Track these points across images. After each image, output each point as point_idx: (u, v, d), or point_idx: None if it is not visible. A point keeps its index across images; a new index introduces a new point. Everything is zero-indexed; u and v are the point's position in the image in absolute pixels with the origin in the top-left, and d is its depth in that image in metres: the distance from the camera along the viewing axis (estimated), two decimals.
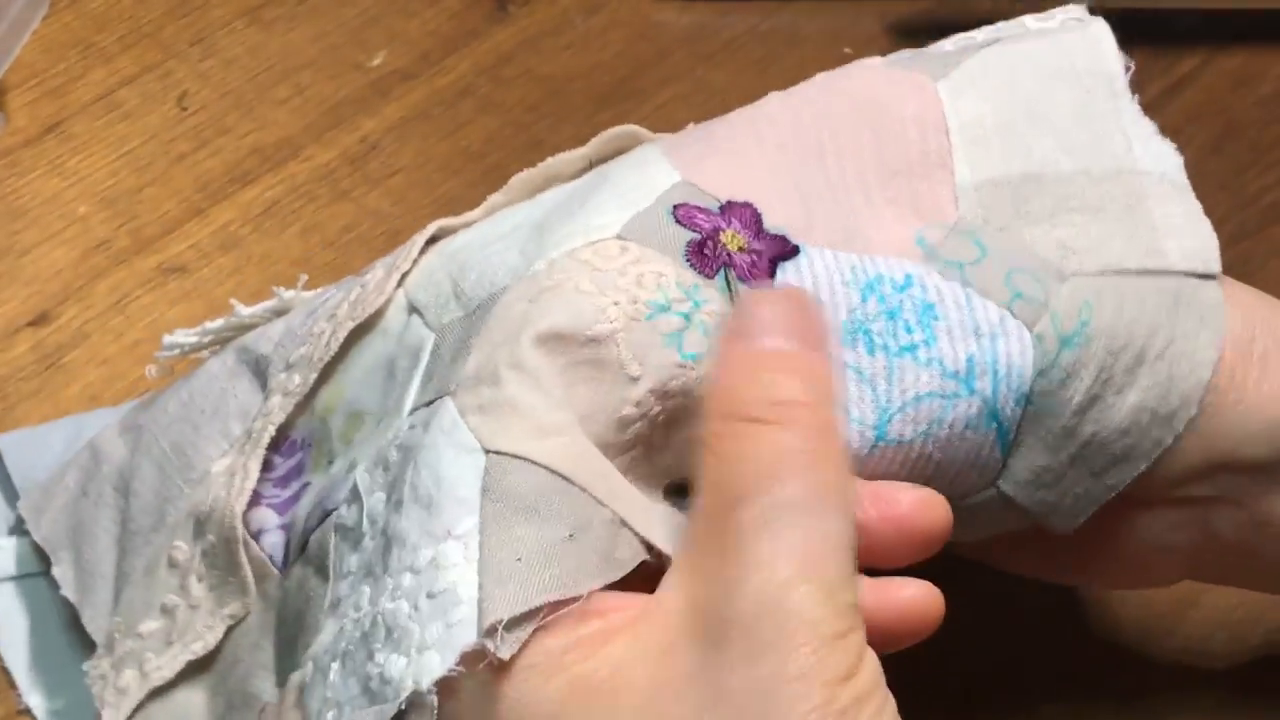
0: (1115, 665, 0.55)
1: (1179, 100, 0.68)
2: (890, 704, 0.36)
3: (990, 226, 0.44)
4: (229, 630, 0.45)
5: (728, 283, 0.41)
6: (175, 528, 0.47)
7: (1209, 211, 0.64)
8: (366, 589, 0.39)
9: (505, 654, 0.35)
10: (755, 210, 0.43)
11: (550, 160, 0.48)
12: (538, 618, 0.36)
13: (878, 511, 0.40)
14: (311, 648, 0.41)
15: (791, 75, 0.67)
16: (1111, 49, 0.48)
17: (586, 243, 0.42)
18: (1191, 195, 0.46)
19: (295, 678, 0.41)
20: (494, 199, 0.48)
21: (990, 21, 0.48)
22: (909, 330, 0.42)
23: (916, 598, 0.41)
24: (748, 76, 0.68)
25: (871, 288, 0.42)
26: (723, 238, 0.42)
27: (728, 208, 0.43)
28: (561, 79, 0.68)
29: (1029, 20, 0.50)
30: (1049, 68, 0.47)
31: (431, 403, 0.41)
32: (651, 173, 0.44)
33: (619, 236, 0.42)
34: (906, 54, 0.50)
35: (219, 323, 0.51)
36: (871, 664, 0.36)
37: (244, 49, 0.67)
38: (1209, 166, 0.66)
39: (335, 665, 0.39)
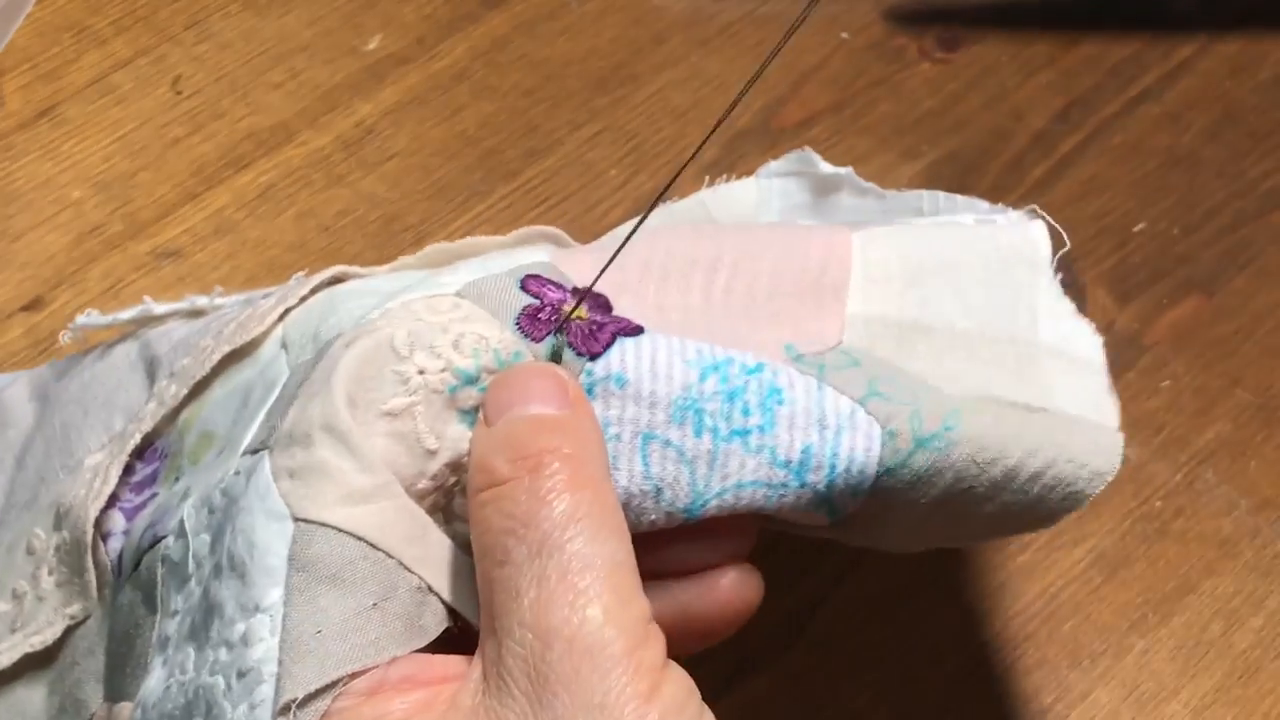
0: (1113, 651, 0.55)
1: (1177, 86, 0.68)
2: (707, 716, 0.35)
3: (872, 355, 0.42)
4: (70, 630, 0.45)
5: (554, 350, 0.40)
6: (40, 513, 0.47)
7: (1207, 198, 0.65)
8: (191, 651, 0.38)
9: None
10: (608, 299, 0.42)
11: (469, 240, 0.47)
12: (334, 690, 0.35)
13: (697, 593, 0.41)
14: (142, 689, 0.40)
15: (788, 60, 0.68)
16: (1043, 236, 0.46)
17: (424, 296, 0.41)
18: (1103, 373, 0.44)
19: (125, 714, 0.41)
20: (404, 259, 0.48)
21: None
22: (746, 413, 0.40)
23: (735, 582, 0.41)
24: (744, 62, 0.68)
25: (716, 368, 0.41)
26: (564, 308, 0.41)
27: (579, 290, 0.42)
28: (557, 63, 0.67)
29: (969, 218, 0.48)
30: (969, 240, 0.46)
31: (257, 451, 0.40)
32: (527, 255, 0.44)
33: (457, 293, 0.41)
34: (841, 205, 0.50)
35: (131, 313, 0.50)
36: (676, 677, 0.35)
37: (238, 33, 0.67)
38: (1207, 153, 0.66)
39: None
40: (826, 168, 0.51)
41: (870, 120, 0.66)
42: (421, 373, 0.39)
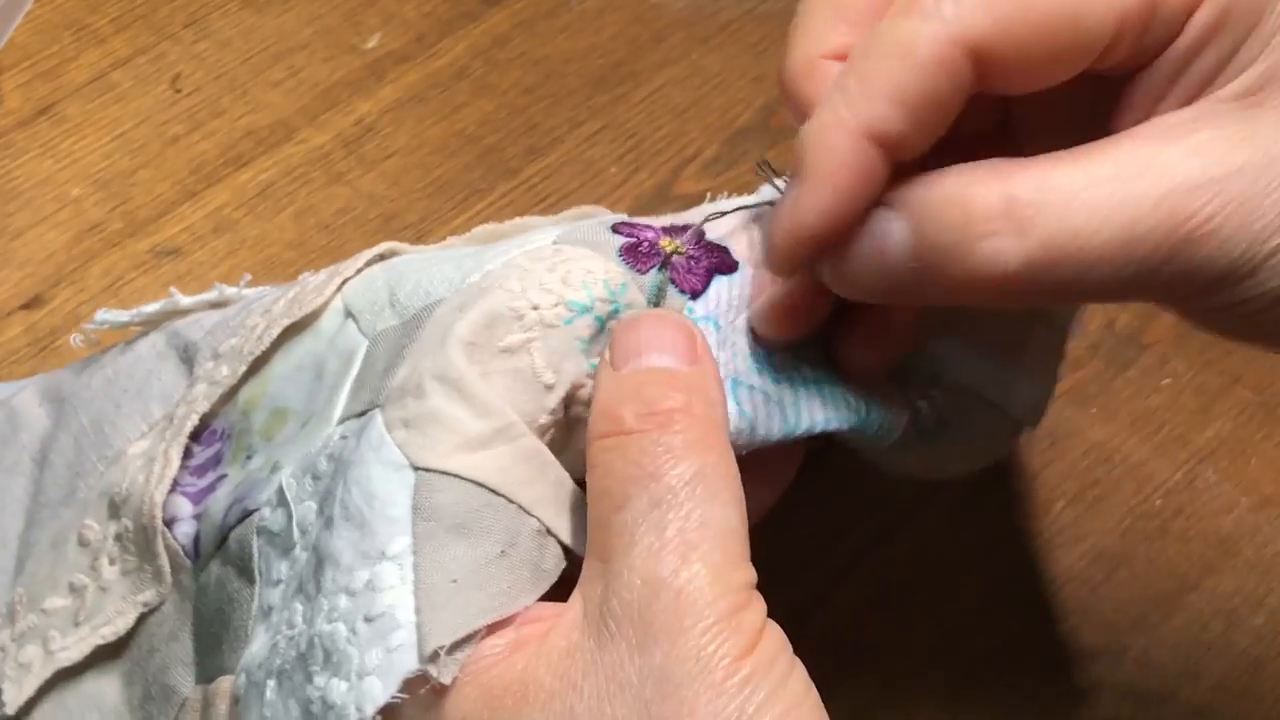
0: (1114, 649, 0.55)
1: None
2: (798, 672, 0.36)
3: None
4: (142, 618, 0.45)
5: (658, 287, 0.41)
6: (87, 505, 0.47)
7: None
8: (300, 606, 0.39)
9: (447, 679, 0.36)
10: (700, 228, 0.43)
11: (519, 220, 0.48)
12: (475, 640, 0.36)
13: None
14: (244, 657, 0.40)
15: None
16: None
17: (521, 251, 0.42)
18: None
19: (226, 685, 0.41)
20: (453, 240, 0.48)
21: None
22: (814, 367, 0.42)
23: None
24: (745, 60, 0.68)
25: None
26: (661, 242, 0.42)
27: (670, 228, 0.43)
28: (557, 61, 0.67)
29: None
30: None
31: (363, 414, 0.40)
32: (602, 219, 0.45)
33: (554, 242, 0.42)
34: None
35: (154, 307, 0.50)
36: (772, 638, 0.36)
37: (238, 31, 0.67)
38: None
39: (271, 683, 0.39)
40: None
41: None
42: (535, 308, 0.39)
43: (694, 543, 0.35)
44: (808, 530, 0.50)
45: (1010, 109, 0.43)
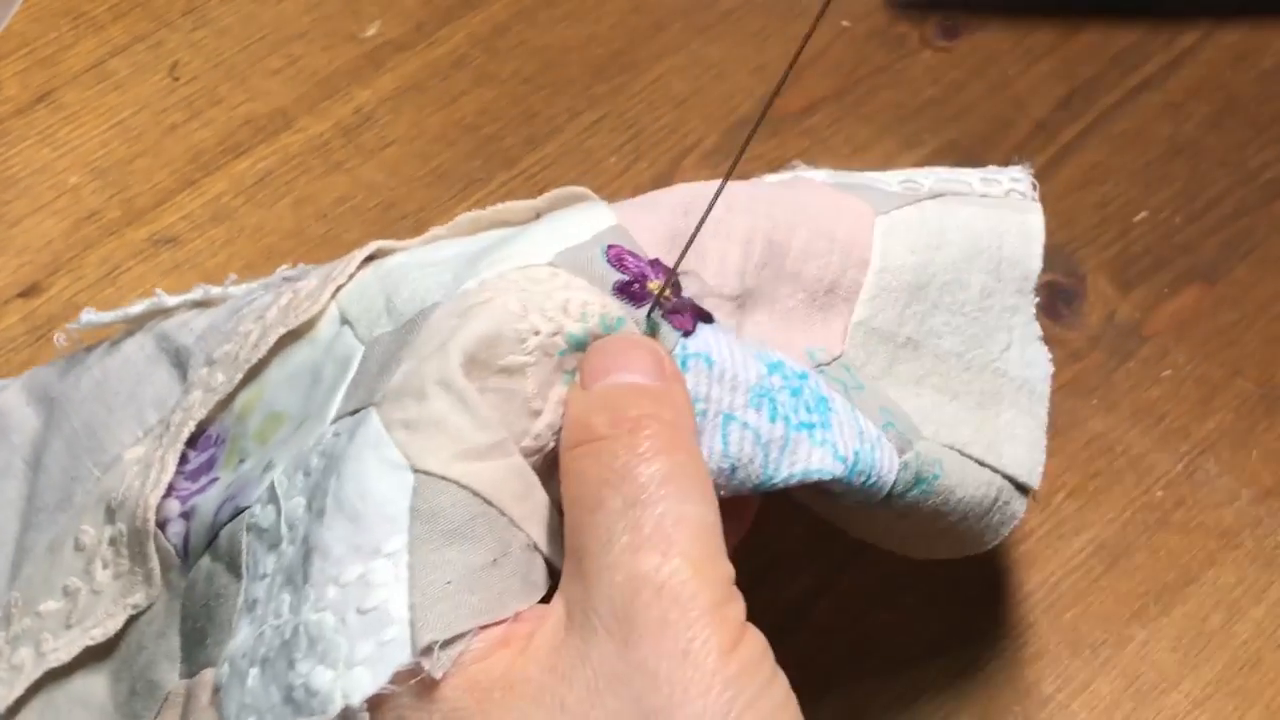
0: (1114, 640, 0.55)
1: (1179, 75, 0.68)
2: (780, 679, 0.36)
3: (865, 371, 0.46)
4: (131, 619, 0.45)
5: (654, 322, 0.42)
6: (84, 510, 0.47)
7: (1209, 187, 0.64)
8: (287, 597, 0.39)
9: (438, 673, 0.36)
10: (679, 281, 0.43)
11: (500, 206, 0.48)
12: (465, 640, 0.36)
13: None
14: (227, 647, 0.40)
15: (789, 48, 0.67)
16: (1039, 247, 0.50)
17: (516, 267, 0.42)
18: (1045, 405, 0.49)
19: (209, 676, 0.41)
20: (436, 230, 0.48)
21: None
22: (809, 410, 0.42)
23: None
24: (746, 49, 0.67)
25: (777, 366, 0.43)
26: (649, 285, 0.42)
27: (655, 263, 0.43)
28: (557, 50, 0.67)
29: (975, 180, 0.51)
30: (978, 243, 0.49)
31: (356, 411, 0.41)
32: (591, 217, 0.45)
33: (550, 264, 0.42)
34: (853, 178, 0.50)
35: (140, 307, 0.50)
36: (755, 638, 0.36)
37: (236, 18, 0.67)
38: (1209, 142, 0.66)
39: (254, 671, 0.39)
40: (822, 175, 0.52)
41: (871, 108, 0.66)
42: (536, 333, 0.40)
43: (672, 538, 0.36)
44: (810, 520, 0.50)
45: None
